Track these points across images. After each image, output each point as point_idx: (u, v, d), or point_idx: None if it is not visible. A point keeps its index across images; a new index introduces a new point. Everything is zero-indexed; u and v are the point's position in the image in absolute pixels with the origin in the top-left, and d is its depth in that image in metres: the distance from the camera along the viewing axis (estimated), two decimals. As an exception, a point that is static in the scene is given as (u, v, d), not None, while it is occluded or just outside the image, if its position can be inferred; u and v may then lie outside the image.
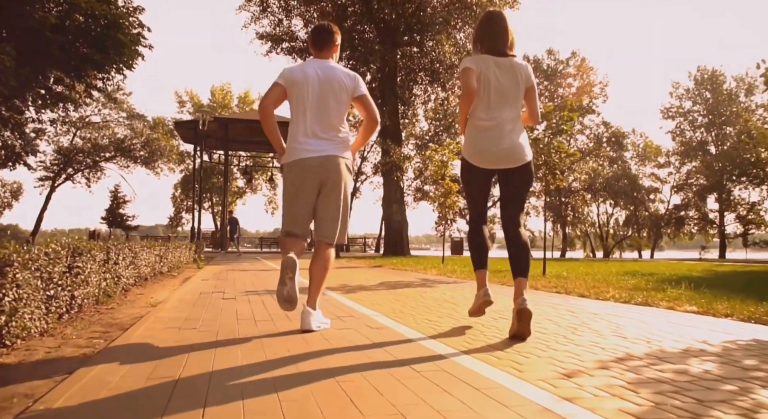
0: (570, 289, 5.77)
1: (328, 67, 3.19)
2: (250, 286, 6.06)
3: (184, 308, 4.03)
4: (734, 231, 45.65)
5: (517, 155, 3.07)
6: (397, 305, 4.30)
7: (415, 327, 3.18)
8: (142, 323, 3.27)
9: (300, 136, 3.14)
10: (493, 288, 3.63)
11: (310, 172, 3.11)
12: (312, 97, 3.12)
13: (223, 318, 3.55)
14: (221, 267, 10.53)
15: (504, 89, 3.07)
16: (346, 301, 4.51)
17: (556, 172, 9.41)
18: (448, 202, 13.92)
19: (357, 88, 3.21)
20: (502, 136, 3.05)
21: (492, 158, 3.08)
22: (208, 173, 42.51)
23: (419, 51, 22.26)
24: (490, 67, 3.06)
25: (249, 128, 28.86)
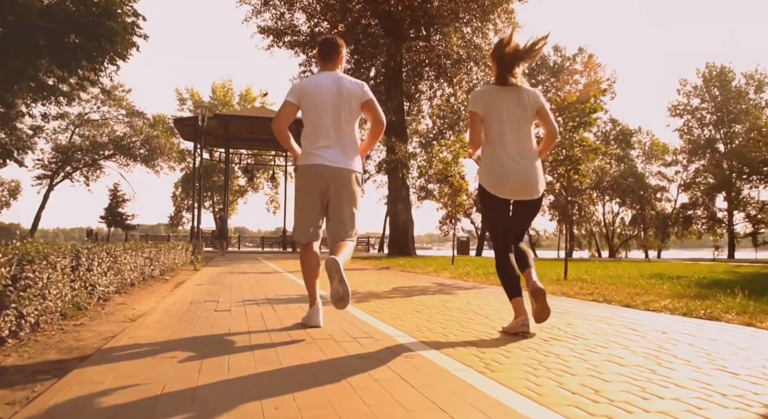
0: (609, 297, 5.11)
1: (336, 78, 3.36)
2: (248, 293, 5.41)
3: (167, 324, 3.37)
4: (743, 230, 44.95)
5: (531, 189, 3.21)
6: (421, 319, 3.64)
7: (457, 356, 2.52)
8: (107, 352, 2.61)
9: (314, 144, 3.29)
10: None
11: (320, 178, 3.27)
12: (324, 107, 3.28)
13: (213, 341, 2.89)
14: (219, 270, 9.88)
15: (514, 118, 3.21)
16: (361, 314, 3.85)
17: (579, 168, 8.76)
18: (458, 200, 13.27)
19: (364, 93, 3.38)
20: (516, 168, 3.17)
21: (511, 187, 3.20)
22: (208, 171, 41.90)
23: (425, 45, 21.57)
24: (498, 99, 3.23)
25: (250, 125, 28.22)
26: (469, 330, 3.23)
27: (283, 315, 3.80)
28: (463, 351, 2.57)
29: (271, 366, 2.23)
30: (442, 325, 3.39)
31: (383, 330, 3.18)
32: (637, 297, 5.02)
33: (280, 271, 9.55)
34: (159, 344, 2.71)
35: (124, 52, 11.38)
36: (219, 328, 3.20)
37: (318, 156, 3.27)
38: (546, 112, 3.29)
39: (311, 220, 3.35)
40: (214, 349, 2.59)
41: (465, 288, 6.34)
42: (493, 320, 3.63)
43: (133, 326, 3.30)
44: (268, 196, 46.72)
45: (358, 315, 3.77)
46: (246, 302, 4.62)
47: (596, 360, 2.37)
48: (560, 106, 8.69)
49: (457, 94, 21.90)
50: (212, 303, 4.48)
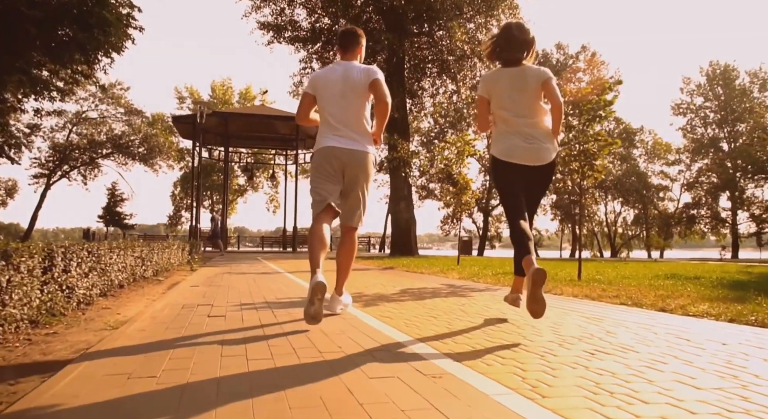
0: (637, 300, 4.69)
1: (347, 67, 3.50)
2: (246, 296, 4.99)
3: (153, 332, 2.96)
4: (746, 230, 44.57)
5: (543, 153, 3.29)
6: (440, 326, 3.22)
7: (494, 374, 2.11)
8: (71, 370, 2.19)
9: (327, 131, 3.49)
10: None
11: (334, 158, 3.43)
12: (334, 96, 3.45)
13: (201, 355, 2.47)
14: (217, 270, 9.46)
15: (518, 97, 3.31)
16: (372, 321, 3.43)
17: (594, 164, 8.36)
18: (464, 199, 12.86)
19: (370, 76, 3.46)
20: (526, 137, 3.28)
21: (521, 154, 3.28)
22: (208, 171, 41.46)
23: (428, 41, 21.15)
24: (502, 80, 3.36)
25: (250, 123, 27.80)
26: (497, 339, 2.82)
27: (284, 320, 3.39)
28: (499, 368, 2.16)
29: (272, 390, 1.82)
30: (466, 334, 2.97)
31: (400, 340, 2.76)
32: (669, 300, 4.61)
33: (281, 272, 9.14)
34: (138, 360, 2.29)
35: (119, 43, 10.96)
36: (211, 339, 2.79)
37: (330, 139, 3.45)
38: (551, 85, 3.31)
39: (327, 191, 3.47)
40: (203, 368, 2.18)
41: (478, 290, 5.92)
42: (520, 327, 3.22)
43: (112, 335, 2.88)
44: (268, 195, 46.35)
45: (368, 322, 3.36)
46: (243, 306, 4.20)
47: (664, 382, 1.96)
48: (575, 98, 8.27)
49: (461, 91, 21.47)
50: (206, 308, 4.06)
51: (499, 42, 3.43)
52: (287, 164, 33.24)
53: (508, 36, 3.40)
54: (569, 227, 48.38)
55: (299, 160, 31.55)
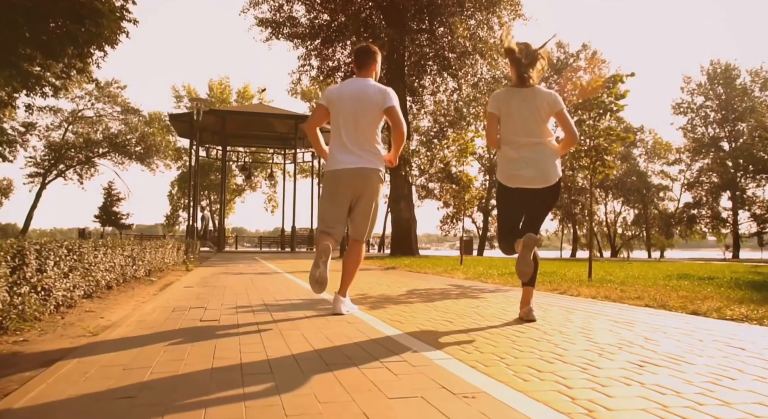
0: (662, 302, 4.37)
1: (363, 85, 3.54)
2: (243, 298, 4.66)
3: (136, 340, 2.63)
4: (747, 230, 44.30)
5: (543, 176, 3.34)
6: (457, 332, 2.89)
7: (539, 395, 1.78)
8: (37, 383, 1.86)
9: (337, 149, 3.53)
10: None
11: (344, 182, 3.50)
12: (346, 114, 3.48)
13: (190, 374, 2.14)
14: (213, 270, 9.12)
15: (526, 116, 3.37)
16: (383, 326, 3.10)
17: (606, 159, 8.05)
18: (467, 197, 12.54)
19: (386, 100, 3.48)
20: (528, 159, 3.34)
21: (523, 177, 3.34)
22: (205, 170, 41.10)
23: (428, 37, 20.82)
24: (513, 100, 3.40)
25: (248, 122, 27.47)
26: (525, 347, 2.49)
27: (285, 328, 3.06)
28: (540, 385, 1.83)
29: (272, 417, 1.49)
30: (489, 341, 2.64)
31: (416, 348, 2.43)
32: (698, 303, 4.28)
33: (279, 272, 8.80)
34: (113, 375, 1.96)
35: (112, 36, 10.61)
36: (201, 351, 2.45)
37: (339, 161, 3.50)
38: (564, 115, 3.42)
39: (335, 218, 3.58)
40: (188, 388, 1.84)
41: (488, 290, 5.59)
42: (547, 332, 2.89)
43: (91, 342, 2.55)
44: (266, 195, 45.98)
45: (378, 327, 3.03)
46: (239, 309, 3.87)
47: (744, 404, 1.63)
48: (584, 91, 7.95)
49: (462, 89, 21.15)
50: (199, 311, 3.72)
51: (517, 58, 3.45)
52: (286, 163, 32.92)
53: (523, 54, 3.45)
54: (569, 227, 48.10)
55: (298, 160, 31.24)
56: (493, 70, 21.81)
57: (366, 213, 3.61)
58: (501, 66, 21.30)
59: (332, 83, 26.76)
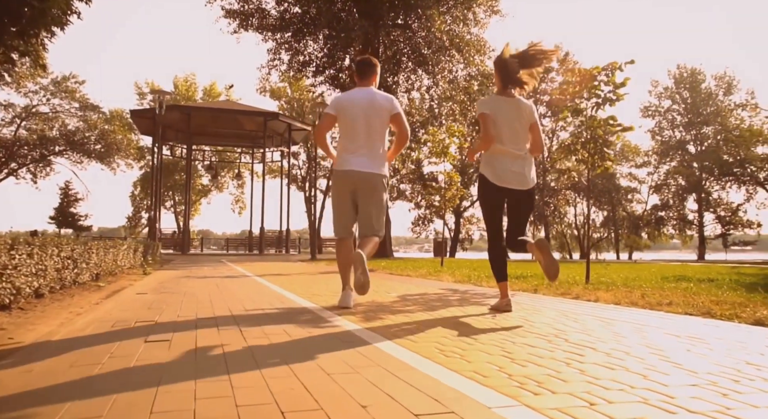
0: (707, 309, 3.73)
1: (370, 94, 3.86)
2: (206, 306, 3.84)
3: (45, 373, 1.82)
4: (712, 232, 44.99)
5: (526, 179, 3.68)
6: (498, 358, 2.16)
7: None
8: None
9: (348, 152, 3.83)
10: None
11: (351, 182, 3.82)
12: (358, 120, 3.79)
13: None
14: (174, 274, 8.22)
15: (514, 126, 3.68)
16: (400, 352, 2.34)
17: (605, 152, 7.49)
18: (448, 195, 11.89)
19: (393, 107, 3.86)
20: (514, 161, 3.66)
21: (508, 177, 3.64)
22: (170, 169, 39.61)
23: (404, 32, 20.15)
24: (502, 107, 3.69)
25: (215, 118, 26.30)
26: (609, 383, 1.78)
27: (262, 355, 2.27)
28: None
29: None
30: (555, 376, 1.92)
31: (466, 392, 1.68)
32: (746, 310, 3.66)
33: (248, 275, 7.96)
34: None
35: (62, 15, 9.57)
36: (135, 399, 1.66)
37: (350, 162, 3.77)
38: (537, 127, 3.77)
39: (345, 218, 3.91)
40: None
41: (489, 295, 4.89)
42: (617, 357, 2.19)
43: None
44: (233, 196, 44.58)
45: (399, 355, 2.26)
46: (200, 321, 3.07)
47: None
48: (583, 78, 7.35)
49: (439, 84, 20.53)
50: (146, 326, 2.91)
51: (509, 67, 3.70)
52: (254, 163, 31.81)
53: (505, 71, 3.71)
54: (540, 229, 48.12)
55: (267, 159, 30.18)
56: (469, 68, 21.26)
57: (370, 214, 3.87)
58: (477, 63, 20.80)
59: (303, 78, 25.87)
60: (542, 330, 2.83)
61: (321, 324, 3.03)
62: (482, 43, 21.01)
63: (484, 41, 21.18)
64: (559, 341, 2.51)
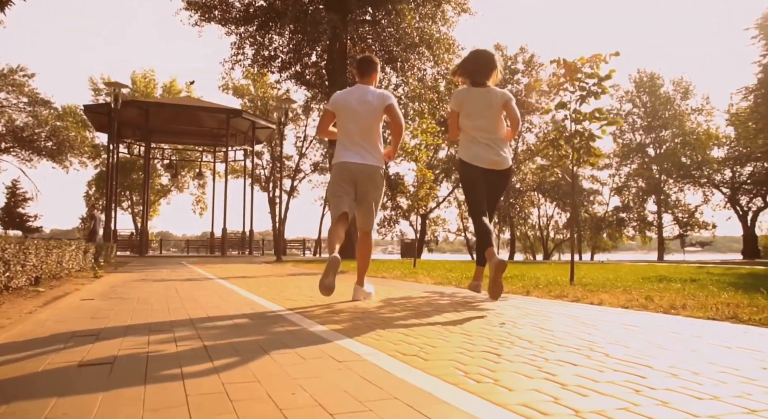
0: (733, 314, 3.37)
1: (365, 91, 4.03)
2: (161, 313, 3.26)
3: None
4: (671, 233, 46.06)
5: (501, 160, 4.06)
6: (540, 380, 1.69)
7: None
8: None
9: (344, 147, 4.03)
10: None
11: (350, 171, 3.96)
12: (354, 116, 3.97)
13: None
14: (129, 277, 7.53)
15: (483, 112, 4.03)
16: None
17: (592, 146, 7.17)
18: (421, 194, 11.45)
19: (385, 100, 4.01)
20: (488, 146, 4.00)
21: (484, 159, 4.01)
22: (127, 168, 38.11)
23: (372, 28, 19.68)
24: (473, 98, 4.05)
25: (175, 115, 25.24)
26: (685, 408, 1.33)
27: (233, 379, 1.74)
28: None
29: None
30: (632, 407, 1.46)
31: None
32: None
33: (211, 277, 7.34)
34: None
35: None
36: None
37: (348, 155, 3.98)
38: (510, 105, 4.07)
39: (344, 196, 3.96)
40: None
41: (480, 299, 4.44)
42: (701, 385, 1.75)
43: None
44: (194, 196, 43.21)
45: (418, 382, 1.77)
46: (153, 334, 2.51)
47: None
48: (570, 69, 6.99)
49: (409, 82, 20.12)
50: (84, 341, 2.33)
51: (467, 67, 4.16)
52: (216, 162, 30.80)
53: (475, 63, 4.13)
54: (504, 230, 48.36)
55: (229, 158, 29.22)
56: (438, 66, 20.93)
57: (370, 206, 4.06)
58: (446, 60, 20.50)
59: (267, 74, 25.12)
60: (569, 342, 2.38)
61: (305, 337, 2.51)
62: (451, 41, 20.73)
63: (453, 40, 20.91)
64: (599, 356, 2.07)
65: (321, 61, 20.32)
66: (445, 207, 45.60)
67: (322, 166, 39.19)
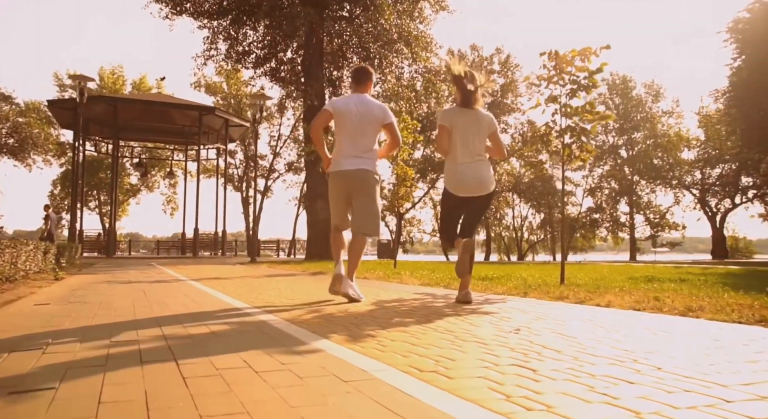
0: (762, 316, 3.11)
1: (365, 101, 4.12)
2: (126, 323, 2.84)
3: None
4: (642, 234, 46.70)
5: (484, 186, 4.01)
6: (601, 402, 1.36)
7: None
8: None
9: (343, 154, 4.07)
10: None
11: (347, 180, 4.06)
12: (353, 125, 4.03)
13: None
14: (93, 279, 7.01)
15: (471, 134, 3.98)
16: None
17: (583, 142, 6.95)
18: (401, 192, 11.11)
19: (386, 117, 4.12)
20: (472, 172, 3.96)
21: (465, 188, 3.99)
22: (95, 167, 36.93)
23: (349, 23, 19.29)
24: (461, 118, 4.00)
25: (144, 112, 24.39)
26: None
27: (211, 407, 1.36)
28: None
29: None
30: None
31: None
32: None
33: (182, 279, 6.88)
34: None
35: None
36: None
37: (344, 163, 4.05)
38: (497, 136, 4.15)
39: (341, 211, 4.17)
40: None
41: (477, 302, 4.12)
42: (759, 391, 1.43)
43: None
44: (164, 196, 42.07)
45: (447, 408, 1.41)
46: (114, 349, 2.10)
47: None
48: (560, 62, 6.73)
49: (387, 79, 19.77)
50: (28, 355, 1.92)
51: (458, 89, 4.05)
52: (187, 161, 29.99)
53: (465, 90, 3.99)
54: (480, 231, 48.38)
55: (201, 157, 28.47)
56: (416, 64, 20.64)
57: (363, 208, 4.08)
58: (424, 58, 20.22)
59: (241, 70, 24.52)
60: (603, 351, 2.06)
61: (297, 349, 2.13)
62: (429, 39, 20.46)
63: (431, 38, 20.64)
64: (648, 369, 1.74)
65: (297, 58, 19.82)
66: (420, 207, 45.39)
67: (297, 165, 38.60)
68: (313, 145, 3.32)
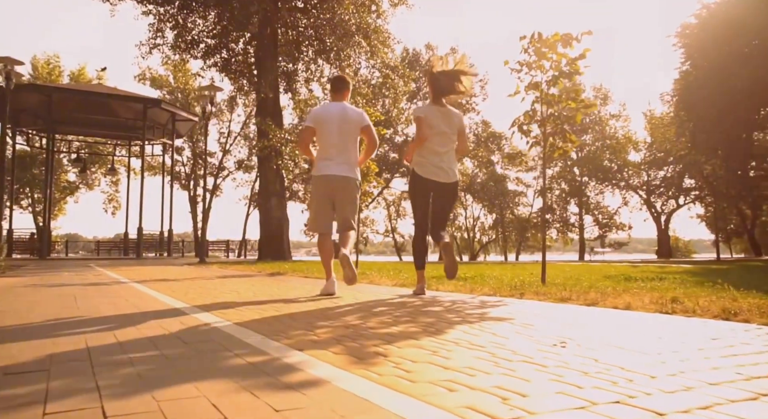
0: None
1: (344, 108, 4.34)
2: (41, 337, 2.12)
3: None
4: (591, 234, 47.80)
5: (452, 173, 4.38)
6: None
7: None
8: None
9: (324, 159, 4.29)
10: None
11: (329, 185, 4.26)
12: (333, 131, 4.26)
13: None
14: (16, 282, 6.09)
15: (443, 130, 4.36)
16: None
17: (566, 131, 6.52)
18: (363, 188, 10.48)
19: (363, 120, 4.37)
20: (442, 160, 4.33)
21: (435, 170, 4.30)
22: (27, 162, 34.51)
23: (305, 13, 18.52)
24: (435, 115, 4.37)
25: (83, 103, 22.76)
26: None
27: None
28: None
29: None
30: None
31: None
32: None
33: (124, 281, 6.05)
34: None
35: None
36: None
37: (328, 168, 4.25)
38: (463, 133, 4.55)
39: (324, 216, 4.33)
40: None
41: (474, 305, 3.57)
42: None
43: None
44: (106, 194, 39.85)
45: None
46: (12, 386, 1.40)
47: None
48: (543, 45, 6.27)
49: (346, 72, 19.09)
50: None
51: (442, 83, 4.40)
52: (131, 157, 28.36)
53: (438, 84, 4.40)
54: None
55: (146, 153, 26.97)
56: (374, 58, 20.09)
57: (346, 212, 4.28)
58: (382, 52, 19.69)
59: (189, 61, 23.30)
60: (716, 375, 1.52)
61: (289, 379, 1.50)
62: (386, 34, 19.96)
63: (388, 33, 20.14)
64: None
65: (249, 49, 18.90)
66: (374, 207, 44.87)
67: (247, 163, 37.36)
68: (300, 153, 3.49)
